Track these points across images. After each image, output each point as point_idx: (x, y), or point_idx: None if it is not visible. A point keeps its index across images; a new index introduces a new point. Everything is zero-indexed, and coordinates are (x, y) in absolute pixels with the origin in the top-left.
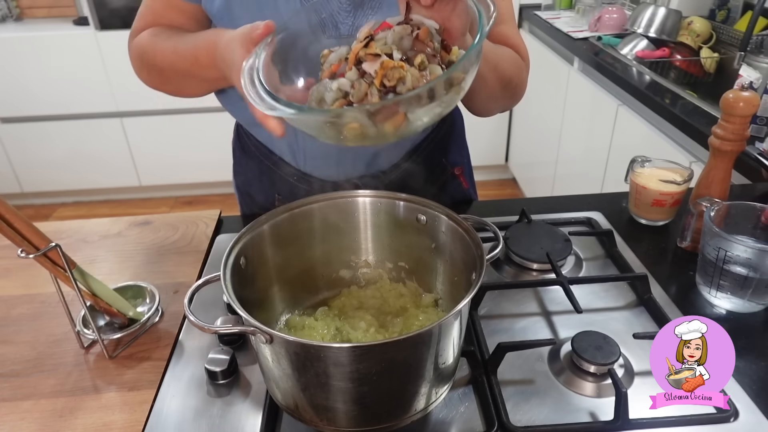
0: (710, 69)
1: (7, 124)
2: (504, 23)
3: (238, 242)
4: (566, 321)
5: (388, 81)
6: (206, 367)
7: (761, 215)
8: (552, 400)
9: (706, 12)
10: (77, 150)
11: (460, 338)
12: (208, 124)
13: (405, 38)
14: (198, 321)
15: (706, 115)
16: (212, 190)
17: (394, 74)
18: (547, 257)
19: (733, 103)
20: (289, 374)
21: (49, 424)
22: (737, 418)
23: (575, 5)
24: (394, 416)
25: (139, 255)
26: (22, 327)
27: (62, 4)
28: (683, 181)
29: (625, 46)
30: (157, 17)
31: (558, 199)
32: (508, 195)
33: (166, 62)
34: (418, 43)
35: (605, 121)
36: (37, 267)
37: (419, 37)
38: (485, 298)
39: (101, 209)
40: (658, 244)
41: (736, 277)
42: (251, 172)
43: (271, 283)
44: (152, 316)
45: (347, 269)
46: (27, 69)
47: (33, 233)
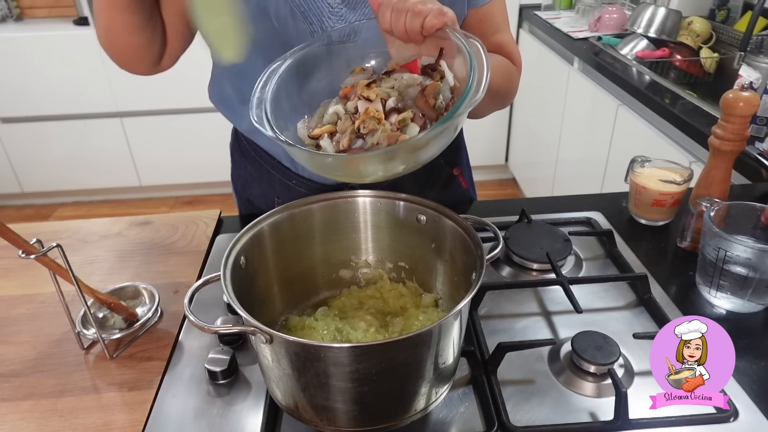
0: (710, 69)
1: (7, 124)
2: (500, 32)
3: (238, 242)
4: (566, 321)
5: (363, 128)
6: (206, 367)
7: (761, 215)
8: (552, 400)
9: (706, 12)
10: (77, 150)
11: (460, 338)
12: (208, 124)
13: (412, 88)
14: (198, 321)
15: (706, 115)
16: (212, 190)
17: (368, 125)
18: (547, 257)
19: (733, 103)
20: (289, 374)
21: (49, 424)
22: (737, 418)
23: (575, 5)
24: (394, 416)
25: (139, 255)
26: (22, 327)
27: (62, 4)
28: (683, 181)
29: (625, 46)
30: None
31: (558, 199)
32: (508, 195)
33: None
34: (420, 97)
35: (605, 121)
36: (37, 267)
37: (425, 90)
38: (485, 298)
39: (101, 209)
40: (658, 244)
41: (736, 277)
42: (250, 175)
43: (271, 283)
44: (152, 316)
45: (347, 269)
46: (27, 69)
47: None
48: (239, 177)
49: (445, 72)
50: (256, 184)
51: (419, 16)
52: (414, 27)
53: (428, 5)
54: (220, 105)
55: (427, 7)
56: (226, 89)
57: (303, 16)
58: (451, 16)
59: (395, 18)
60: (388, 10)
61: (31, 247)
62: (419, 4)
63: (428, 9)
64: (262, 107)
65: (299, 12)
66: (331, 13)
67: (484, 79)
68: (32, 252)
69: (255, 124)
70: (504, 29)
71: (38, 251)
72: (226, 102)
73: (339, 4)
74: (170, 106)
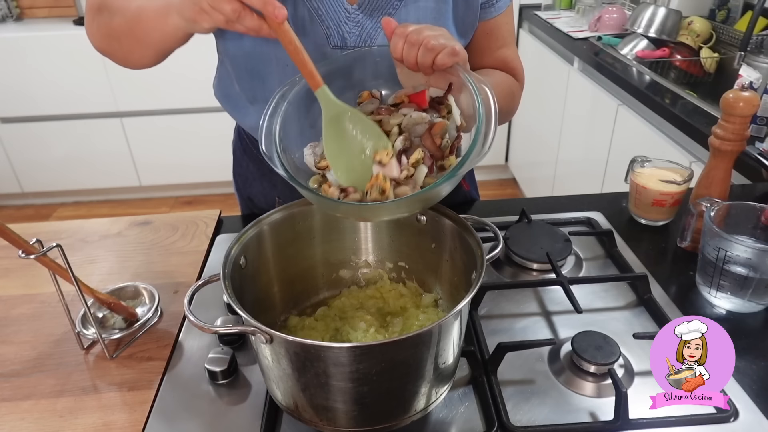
0: (710, 69)
1: (7, 124)
2: (506, 46)
3: (238, 242)
4: (566, 321)
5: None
6: (206, 367)
7: (761, 215)
8: (552, 400)
9: (706, 12)
10: (77, 150)
11: (460, 338)
12: (208, 124)
13: (420, 126)
14: (198, 321)
15: (706, 115)
16: (212, 190)
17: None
18: (547, 257)
19: (733, 103)
20: (289, 374)
21: (49, 424)
22: (737, 418)
23: (575, 5)
24: (394, 416)
25: (139, 255)
26: (22, 327)
27: (62, 4)
28: (683, 181)
29: (625, 46)
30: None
31: (558, 199)
32: (508, 195)
33: (128, 13)
34: (428, 136)
35: (605, 121)
36: (37, 267)
37: (432, 129)
38: (485, 298)
39: (101, 209)
40: (658, 244)
41: (736, 277)
42: (251, 173)
43: (271, 283)
44: (152, 316)
45: (347, 269)
46: (27, 69)
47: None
48: (241, 175)
49: (453, 108)
50: (258, 182)
51: (431, 52)
52: (425, 62)
53: (441, 41)
54: (225, 102)
55: (440, 43)
56: (232, 87)
57: (320, 19)
58: (463, 56)
59: (407, 50)
60: (402, 40)
61: (31, 247)
62: (432, 39)
63: (441, 46)
64: (272, 140)
65: (317, 15)
66: (347, 18)
67: (491, 133)
68: (32, 252)
69: (265, 158)
70: (510, 44)
71: (38, 251)
72: (231, 99)
73: (356, 9)
74: (170, 106)
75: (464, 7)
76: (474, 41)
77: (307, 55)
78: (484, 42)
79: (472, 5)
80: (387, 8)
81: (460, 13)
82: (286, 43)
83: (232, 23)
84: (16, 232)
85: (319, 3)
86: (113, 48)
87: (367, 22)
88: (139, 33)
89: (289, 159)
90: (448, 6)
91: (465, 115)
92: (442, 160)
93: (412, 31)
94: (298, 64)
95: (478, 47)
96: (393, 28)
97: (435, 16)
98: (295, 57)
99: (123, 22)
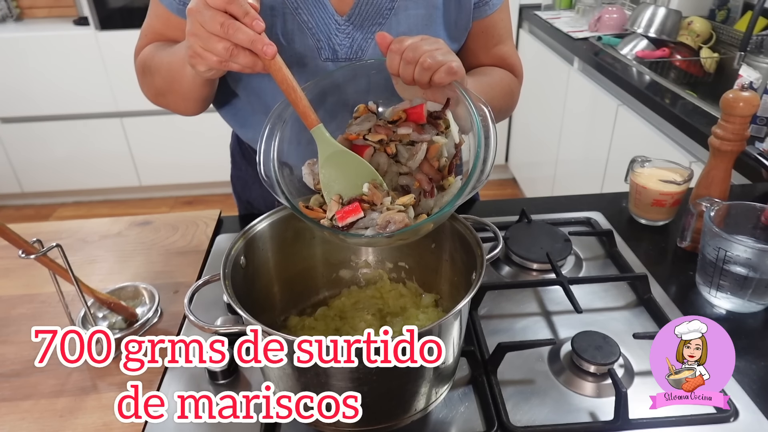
0: (710, 69)
1: (7, 124)
2: (502, 43)
3: (238, 242)
4: (566, 321)
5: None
6: (206, 367)
7: (761, 215)
8: (552, 400)
9: (706, 12)
10: (77, 150)
11: (460, 338)
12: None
13: (414, 158)
14: (198, 321)
15: (706, 115)
16: (212, 190)
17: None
18: (547, 257)
19: (733, 103)
20: (289, 374)
21: (49, 424)
22: (737, 418)
23: (575, 5)
24: (394, 416)
25: (139, 255)
26: (22, 327)
27: (62, 4)
28: (683, 181)
29: (625, 46)
30: (158, 35)
31: (558, 199)
32: (508, 195)
33: (162, 70)
34: (425, 162)
35: (605, 121)
36: (37, 267)
37: (428, 154)
38: (485, 298)
39: (101, 209)
40: (658, 244)
41: (736, 277)
42: (250, 177)
43: (271, 283)
44: (152, 316)
45: (347, 269)
46: (27, 69)
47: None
48: (239, 179)
49: (451, 124)
50: (256, 186)
51: (428, 71)
52: (422, 79)
53: (438, 57)
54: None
55: (437, 60)
56: (234, 100)
57: (311, 32)
58: (461, 74)
59: (404, 68)
60: (398, 57)
61: (31, 247)
62: (429, 57)
63: (438, 64)
64: (270, 167)
65: (306, 28)
66: (338, 30)
67: (489, 159)
68: (32, 252)
69: (264, 184)
70: (507, 40)
71: (38, 251)
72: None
73: (345, 21)
74: None
75: (456, 10)
76: (470, 40)
77: (302, 92)
78: (480, 40)
79: (465, 6)
80: (377, 18)
81: (452, 16)
82: (280, 82)
83: (226, 62)
84: (16, 232)
85: (309, 16)
86: (165, 103)
87: (358, 33)
88: (175, 87)
89: (289, 175)
90: (438, 12)
91: (461, 128)
92: (441, 181)
93: (408, 47)
94: (292, 102)
95: (475, 45)
96: (388, 44)
97: (426, 23)
98: (289, 96)
99: (161, 81)
